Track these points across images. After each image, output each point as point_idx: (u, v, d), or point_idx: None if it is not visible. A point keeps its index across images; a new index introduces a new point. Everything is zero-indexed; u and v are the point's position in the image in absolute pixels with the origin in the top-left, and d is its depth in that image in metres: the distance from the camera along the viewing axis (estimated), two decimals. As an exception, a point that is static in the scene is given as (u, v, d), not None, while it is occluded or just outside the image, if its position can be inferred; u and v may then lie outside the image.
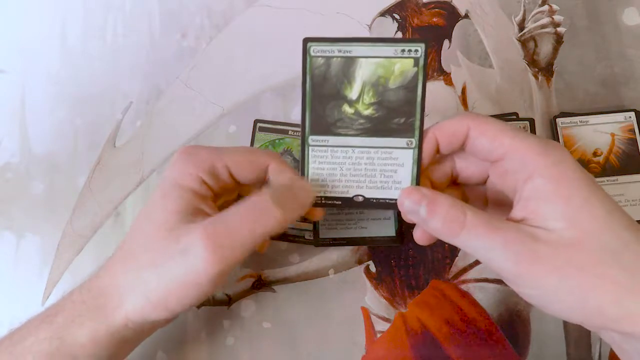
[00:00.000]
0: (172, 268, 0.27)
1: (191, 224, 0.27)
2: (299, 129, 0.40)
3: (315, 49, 0.29)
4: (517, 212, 0.27)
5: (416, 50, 0.28)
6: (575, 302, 0.24)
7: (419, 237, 0.30)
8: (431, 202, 0.27)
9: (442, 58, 0.43)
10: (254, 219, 0.27)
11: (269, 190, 0.28)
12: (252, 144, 0.40)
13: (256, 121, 0.41)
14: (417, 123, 0.29)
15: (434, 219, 0.27)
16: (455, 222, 0.26)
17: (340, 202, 0.31)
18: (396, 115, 0.29)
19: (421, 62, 0.29)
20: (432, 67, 0.43)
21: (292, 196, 0.29)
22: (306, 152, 0.30)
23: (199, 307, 0.38)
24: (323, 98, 0.29)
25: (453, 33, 0.43)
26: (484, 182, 0.31)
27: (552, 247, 0.24)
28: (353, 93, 0.29)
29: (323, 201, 0.31)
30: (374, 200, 0.31)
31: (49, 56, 0.44)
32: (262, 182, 0.31)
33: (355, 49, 0.29)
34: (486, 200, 0.32)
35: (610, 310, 0.24)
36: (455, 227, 0.26)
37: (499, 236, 0.25)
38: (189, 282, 0.27)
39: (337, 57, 0.29)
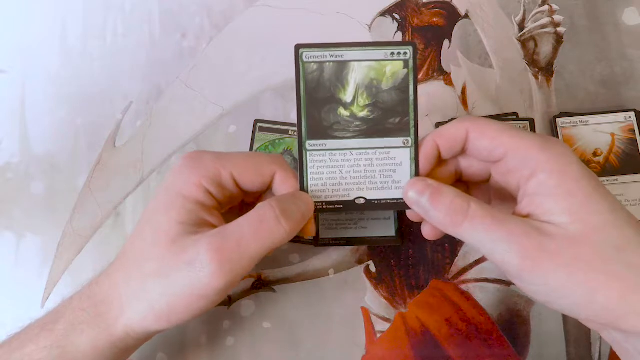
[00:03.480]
0: (178, 279, 0.26)
1: (197, 236, 0.27)
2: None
3: (307, 54, 0.29)
4: (522, 209, 0.27)
5: (405, 53, 0.29)
6: (582, 298, 0.24)
7: (428, 232, 0.30)
8: (435, 192, 0.27)
9: (442, 58, 0.43)
10: (262, 233, 0.27)
11: (276, 203, 0.28)
12: (252, 144, 0.40)
13: (256, 121, 0.41)
14: (412, 122, 0.30)
15: (437, 209, 0.27)
16: (459, 213, 0.26)
17: (341, 206, 0.31)
18: (391, 116, 0.30)
19: (411, 63, 0.29)
20: (432, 67, 0.43)
21: (298, 208, 0.29)
22: (304, 157, 0.30)
23: (199, 307, 0.38)
24: (318, 102, 0.30)
25: (453, 33, 0.43)
26: (488, 179, 0.31)
27: (559, 242, 0.24)
28: (347, 96, 0.30)
29: (324, 206, 0.31)
30: (375, 202, 0.31)
31: (49, 56, 0.44)
32: (267, 189, 0.31)
33: (347, 54, 0.29)
34: (490, 198, 0.32)
35: (617, 306, 0.24)
36: (458, 217, 0.26)
37: (504, 229, 0.25)
38: (194, 295, 0.27)
39: (329, 61, 0.29)
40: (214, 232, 0.27)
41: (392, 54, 0.29)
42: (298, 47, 0.29)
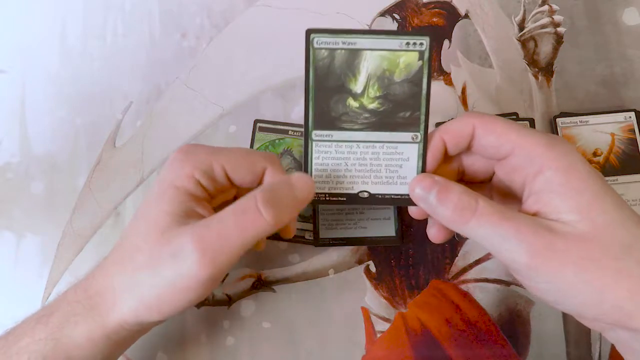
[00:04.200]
0: (164, 271, 0.26)
1: (183, 227, 0.27)
2: (299, 129, 0.40)
3: (318, 40, 0.28)
4: (529, 206, 0.26)
5: (421, 44, 0.28)
6: (591, 297, 0.24)
7: (434, 235, 0.30)
8: (443, 189, 0.27)
9: (442, 58, 0.43)
10: (243, 223, 0.27)
11: (259, 193, 0.27)
12: (252, 144, 0.40)
13: (256, 121, 0.41)
14: (423, 117, 0.29)
15: (445, 205, 0.26)
16: (467, 210, 0.26)
17: (345, 199, 0.30)
18: (401, 109, 0.29)
19: (426, 55, 0.28)
20: (432, 67, 0.43)
21: (285, 196, 0.28)
22: (310, 147, 0.29)
23: (198, 307, 0.38)
24: (327, 91, 0.29)
25: (453, 33, 0.43)
26: (490, 178, 0.31)
27: (567, 240, 0.24)
28: (358, 86, 0.29)
29: (327, 198, 0.30)
30: (379, 196, 0.30)
31: (49, 56, 0.44)
32: (259, 184, 0.31)
33: (360, 41, 0.28)
34: (492, 198, 0.32)
35: (627, 305, 0.23)
36: (466, 213, 0.26)
37: (512, 226, 0.25)
38: (181, 286, 0.27)
39: (341, 49, 0.28)
40: (199, 224, 0.27)
41: (408, 44, 0.28)
42: (309, 32, 0.28)
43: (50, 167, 0.41)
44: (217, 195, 0.31)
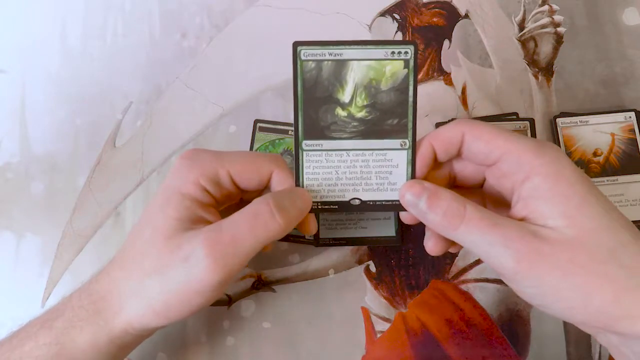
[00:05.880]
0: (174, 276, 0.26)
1: (192, 232, 0.27)
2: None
3: (305, 52, 0.29)
4: (517, 212, 0.27)
5: (406, 52, 0.29)
6: (577, 301, 0.24)
7: (431, 247, 0.30)
8: (432, 195, 0.27)
9: (442, 58, 0.43)
10: (257, 227, 0.27)
11: (271, 198, 0.28)
12: (252, 144, 0.40)
13: (256, 121, 0.41)
14: (410, 124, 0.29)
15: (434, 212, 0.27)
16: (456, 216, 0.26)
17: (337, 207, 0.31)
18: (389, 117, 0.29)
19: (411, 63, 0.29)
20: (432, 67, 0.43)
21: (293, 203, 0.29)
22: (300, 157, 0.30)
23: (199, 307, 0.38)
24: (315, 102, 0.29)
25: (453, 33, 0.43)
26: (482, 183, 0.31)
27: (554, 245, 0.24)
28: (345, 96, 0.29)
29: (320, 207, 0.31)
30: (371, 203, 0.30)
31: (49, 56, 0.44)
32: (265, 187, 0.31)
33: (346, 52, 0.28)
34: (484, 203, 0.32)
35: (612, 309, 0.23)
36: (455, 220, 0.26)
37: (499, 232, 0.25)
38: (191, 290, 0.27)
39: (328, 60, 0.29)
40: (209, 228, 0.27)
41: (393, 53, 0.29)
42: (296, 45, 0.28)
43: (50, 167, 0.41)
44: (224, 201, 0.31)
